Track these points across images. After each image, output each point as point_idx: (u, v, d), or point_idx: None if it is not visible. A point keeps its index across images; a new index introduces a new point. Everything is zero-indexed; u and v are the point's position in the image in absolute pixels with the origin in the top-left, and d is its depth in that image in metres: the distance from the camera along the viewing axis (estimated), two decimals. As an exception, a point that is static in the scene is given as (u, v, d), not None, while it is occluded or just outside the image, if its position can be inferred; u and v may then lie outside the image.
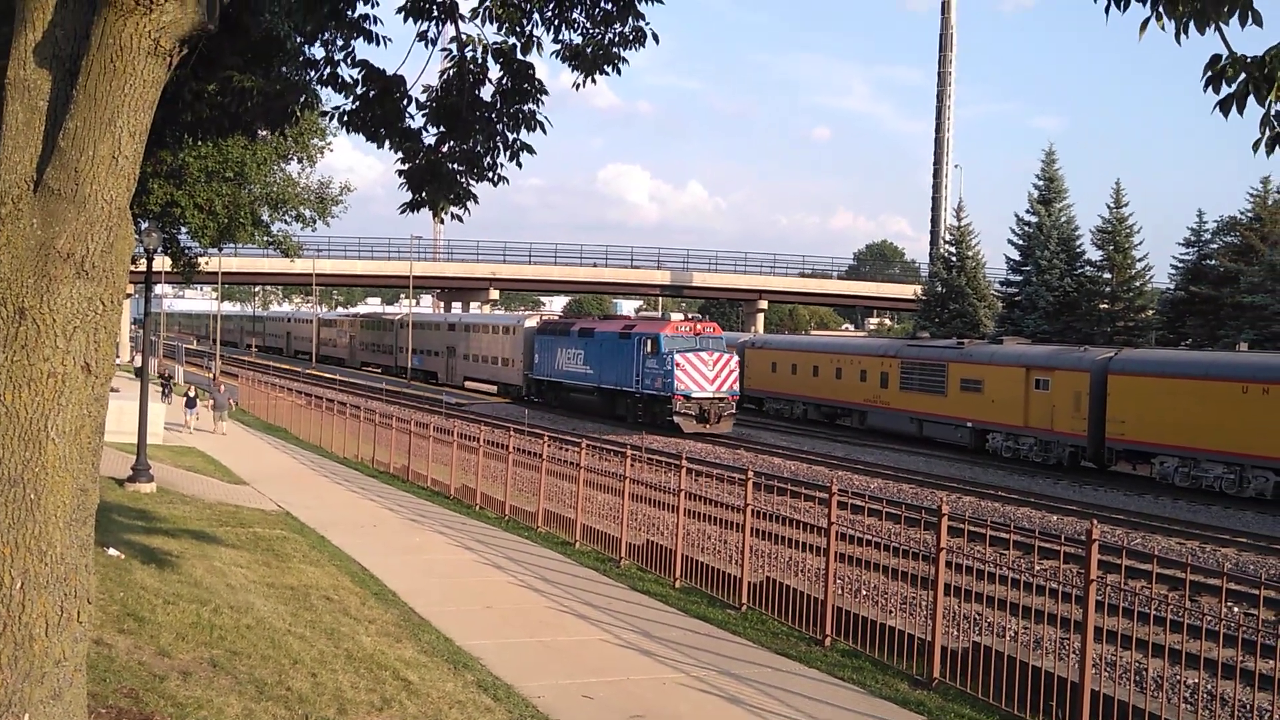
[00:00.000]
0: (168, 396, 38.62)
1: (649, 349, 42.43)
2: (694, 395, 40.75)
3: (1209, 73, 4.94)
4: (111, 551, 12.56)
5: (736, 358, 42.86)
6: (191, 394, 37.96)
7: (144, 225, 23.94)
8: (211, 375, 62.88)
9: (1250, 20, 4.93)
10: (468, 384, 65.81)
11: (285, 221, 30.09)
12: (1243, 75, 4.82)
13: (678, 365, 40.69)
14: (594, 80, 8.52)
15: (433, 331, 72.79)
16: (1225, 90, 4.93)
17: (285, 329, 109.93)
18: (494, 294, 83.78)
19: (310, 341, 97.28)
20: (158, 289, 75.97)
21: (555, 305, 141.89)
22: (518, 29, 8.29)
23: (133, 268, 27.09)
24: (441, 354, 70.04)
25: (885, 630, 11.91)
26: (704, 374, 40.98)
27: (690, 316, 47.16)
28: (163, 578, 11.86)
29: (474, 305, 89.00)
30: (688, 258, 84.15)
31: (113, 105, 4.51)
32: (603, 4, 8.34)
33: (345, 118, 8.52)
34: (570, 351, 49.50)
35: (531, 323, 57.02)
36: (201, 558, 14.08)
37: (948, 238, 64.23)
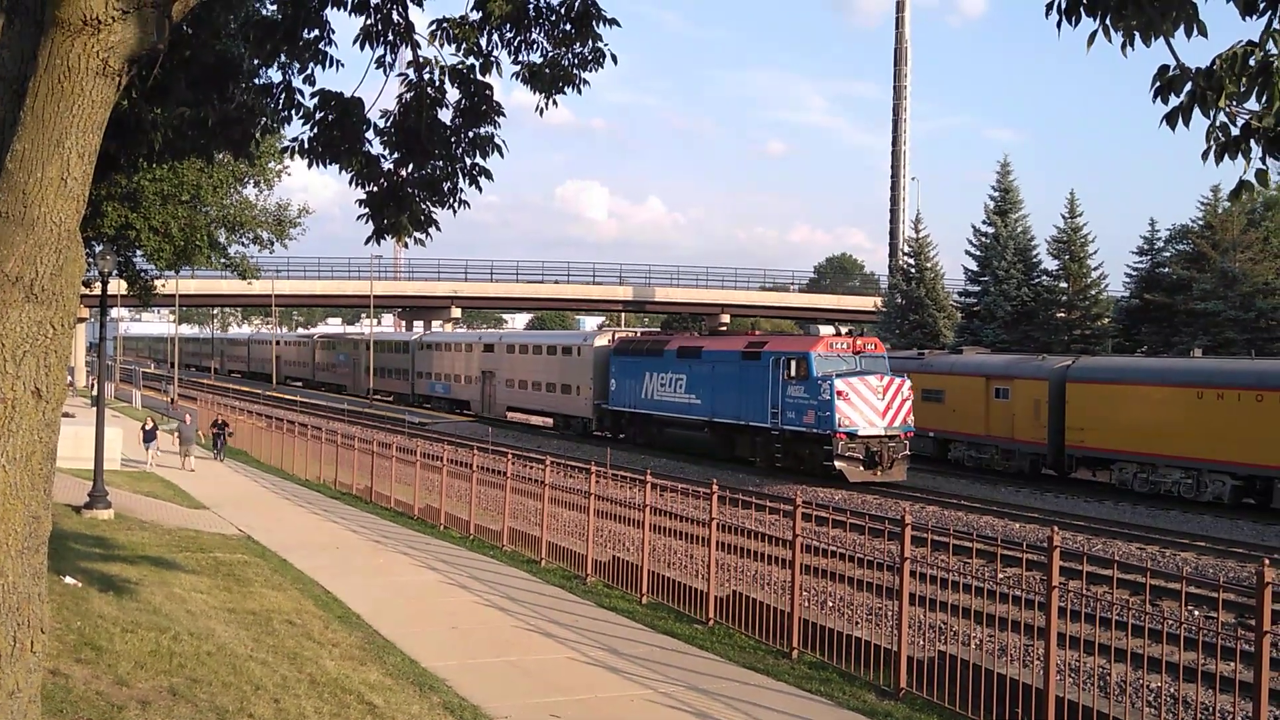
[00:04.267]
0: (151, 440, 32.54)
1: (793, 372, 33.11)
2: (861, 433, 31.33)
3: (1158, 83, 5.02)
4: (68, 580, 12.35)
5: (909, 382, 33.36)
6: (149, 425, 33.40)
7: (98, 248, 23.66)
8: (170, 399, 62.14)
9: (1196, 31, 5.02)
10: (510, 415, 55.53)
11: (243, 244, 29.83)
12: (1189, 86, 4.90)
13: (839, 394, 31.30)
14: (555, 102, 8.55)
15: (463, 354, 61.32)
16: (1174, 101, 5.01)
17: (275, 352, 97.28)
18: (456, 312, 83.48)
19: (305, 366, 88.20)
20: (113, 312, 75.10)
21: (518, 322, 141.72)
22: (476, 48, 8.30)
23: (87, 291, 26.78)
24: (475, 380, 58.62)
25: (852, 641, 11.94)
26: (873, 405, 31.64)
27: (848, 331, 36.38)
28: (121, 605, 11.67)
29: (435, 324, 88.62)
30: (650, 273, 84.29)
31: (61, 127, 4.45)
32: (562, 25, 8.36)
33: (304, 147, 8.45)
34: (666, 376, 40.08)
35: (602, 341, 46.78)
36: (161, 584, 13.87)
37: (906, 250, 64.76)
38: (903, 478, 31.99)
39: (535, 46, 8.43)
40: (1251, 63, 4.68)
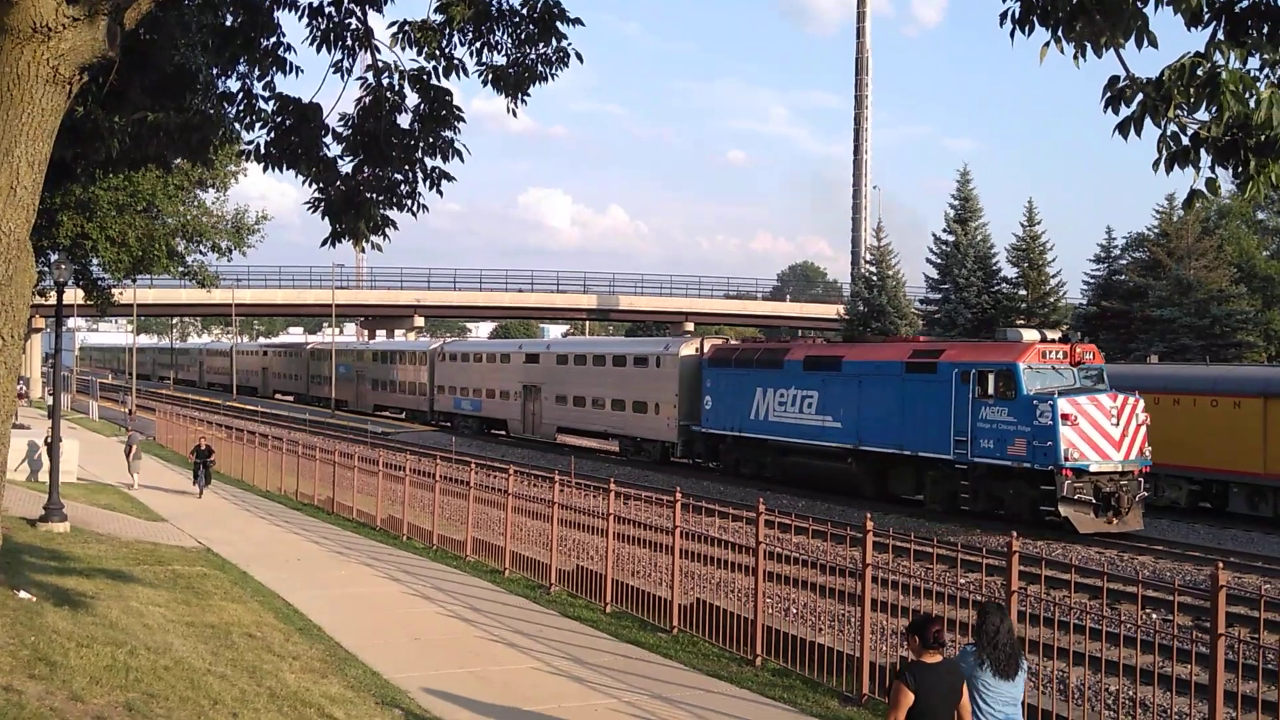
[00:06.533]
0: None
1: (990, 389, 25.80)
2: (1092, 468, 24.35)
3: (1108, 94, 5.10)
4: (22, 594, 12.14)
5: (1142, 400, 25.76)
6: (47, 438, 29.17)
7: (54, 258, 23.37)
8: (128, 410, 61.39)
9: (1146, 42, 5.10)
10: (562, 437, 47.69)
11: (201, 252, 29.60)
12: (1140, 96, 4.98)
13: (1065, 418, 24.30)
14: (524, 101, 8.53)
15: (498, 365, 52.55)
16: (1125, 111, 5.09)
17: (260, 364, 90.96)
18: (419, 321, 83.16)
19: (297, 379, 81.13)
20: (70, 322, 74.06)
21: (482, 331, 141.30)
22: (438, 52, 8.28)
23: (42, 300, 26.37)
24: (515, 396, 49.98)
25: (815, 648, 11.98)
26: (1106, 432, 24.65)
27: (1060, 336, 27.66)
28: (76, 620, 11.49)
29: (398, 333, 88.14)
30: (613, 281, 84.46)
31: (10, 135, 4.39)
32: (526, 26, 8.37)
33: (261, 152, 8.39)
34: (787, 392, 32.87)
35: (689, 350, 38.89)
36: (117, 598, 13.67)
37: (868, 258, 65.28)
38: (1139, 526, 25.05)
39: (499, 48, 8.43)
40: (1199, 74, 4.76)
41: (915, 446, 28.15)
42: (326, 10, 8.16)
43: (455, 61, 8.33)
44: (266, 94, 8.47)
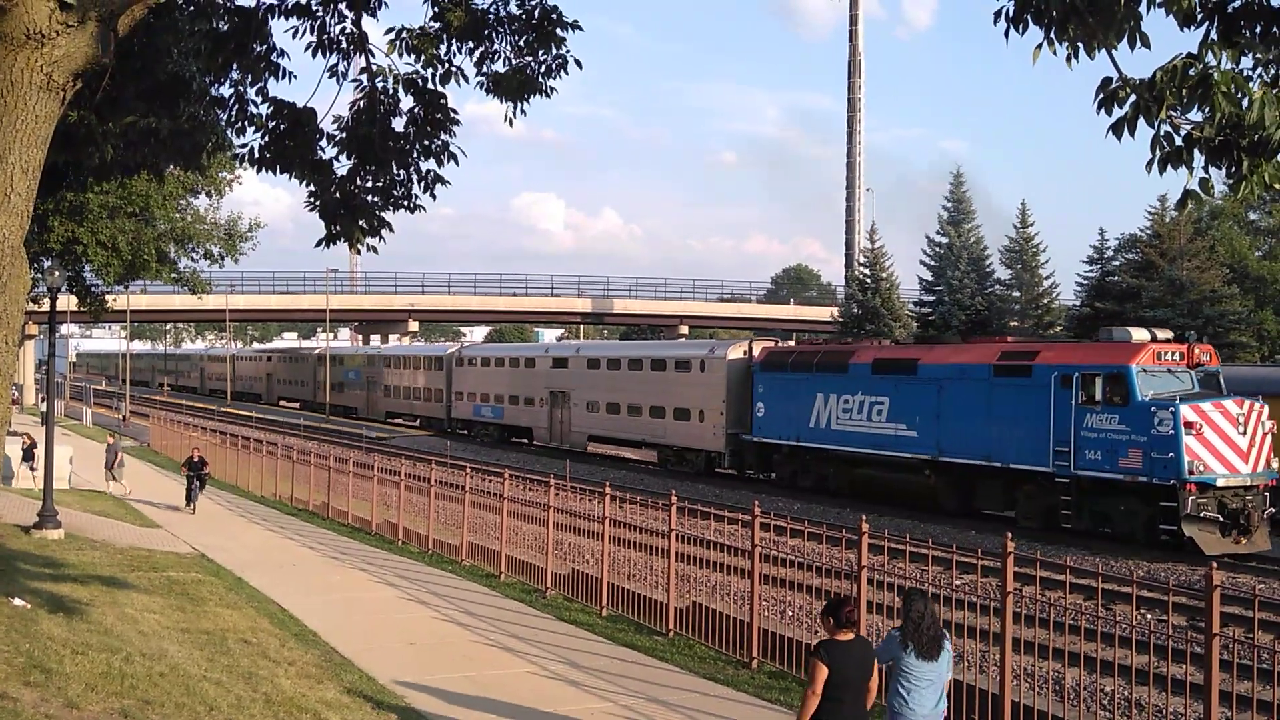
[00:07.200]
0: (28, 459, 28.34)
1: (1097, 394, 23.49)
2: (1219, 482, 21.94)
3: (1101, 95, 5.12)
4: (17, 601, 12.12)
5: (1267, 407, 23.34)
6: (27, 443, 29.00)
7: (46, 264, 23.34)
8: (121, 416, 61.32)
9: (1139, 43, 5.12)
10: (593, 447, 45.38)
11: (193, 259, 29.56)
12: (1133, 97, 5.00)
13: (1189, 427, 21.96)
14: (523, 110, 8.53)
15: (522, 370, 49.67)
16: (1118, 113, 5.11)
17: (264, 370, 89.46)
18: (413, 325, 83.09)
19: (303, 386, 78.87)
20: (64, 328, 73.88)
21: (476, 335, 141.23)
22: (435, 59, 8.29)
23: (35, 307, 26.32)
24: (541, 403, 47.29)
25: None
26: (1231, 440, 22.26)
27: (1178, 335, 25.79)
28: (71, 627, 11.46)
29: (393, 337, 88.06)
30: (608, 285, 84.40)
31: (4, 141, 4.38)
32: (525, 35, 8.38)
33: (255, 157, 8.39)
34: (853, 398, 30.09)
35: (737, 353, 36.28)
36: (112, 605, 13.64)
37: (862, 260, 65.37)
38: (1267, 545, 22.45)
39: (498, 56, 8.45)
40: (1192, 74, 4.78)
41: (1006, 457, 25.52)
42: (314, 10, 8.16)
43: (454, 69, 8.34)
44: (259, 99, 8.49)
